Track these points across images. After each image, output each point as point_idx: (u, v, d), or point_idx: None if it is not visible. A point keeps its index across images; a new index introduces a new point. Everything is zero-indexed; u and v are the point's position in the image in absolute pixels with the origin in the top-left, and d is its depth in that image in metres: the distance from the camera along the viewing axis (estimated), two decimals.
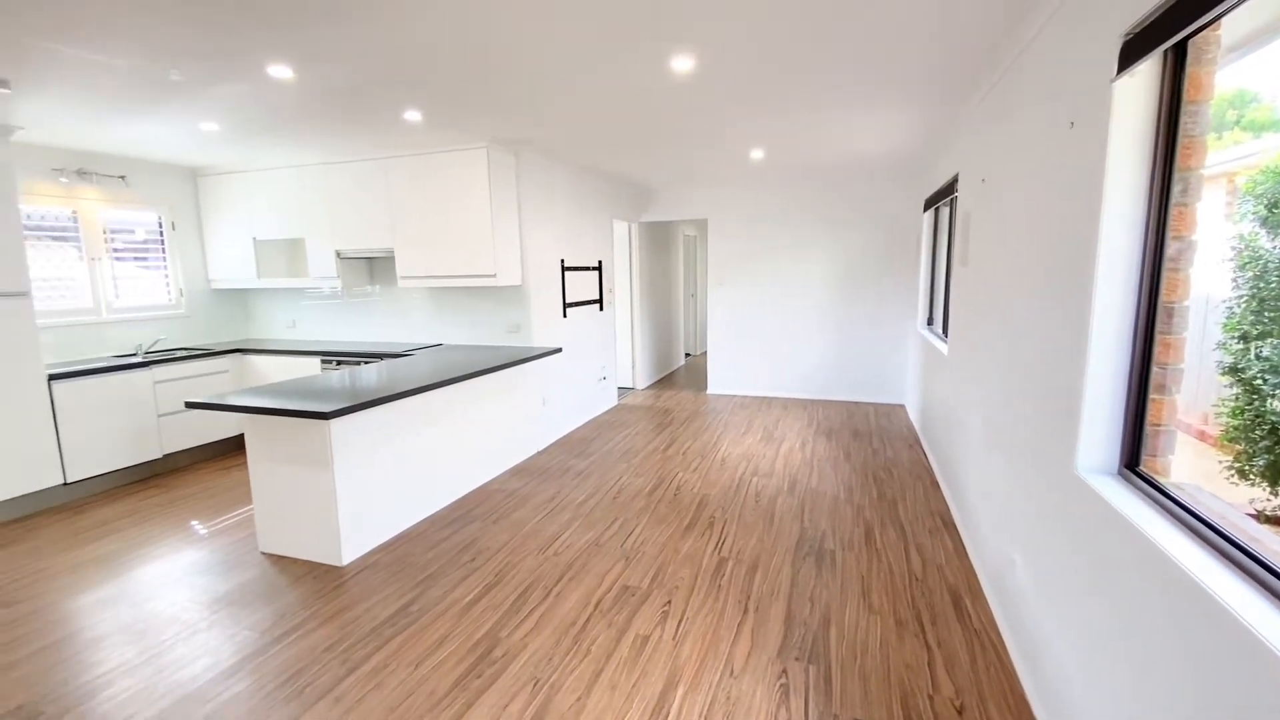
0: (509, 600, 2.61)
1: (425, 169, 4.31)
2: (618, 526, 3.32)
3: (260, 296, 5.51)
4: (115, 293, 4.61)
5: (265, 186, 4.86)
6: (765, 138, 4.17)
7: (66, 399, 3.83)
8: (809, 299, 6.32)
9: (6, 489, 3.56)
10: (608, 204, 5.96)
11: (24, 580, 2.88)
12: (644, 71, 2.77)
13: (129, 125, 3.59)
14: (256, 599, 2.66)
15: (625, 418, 5.74)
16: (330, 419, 2.61)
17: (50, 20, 2.13)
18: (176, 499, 3.90)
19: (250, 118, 3.45)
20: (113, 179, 4.53)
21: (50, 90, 2.91)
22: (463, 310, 4.84)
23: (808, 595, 2.62)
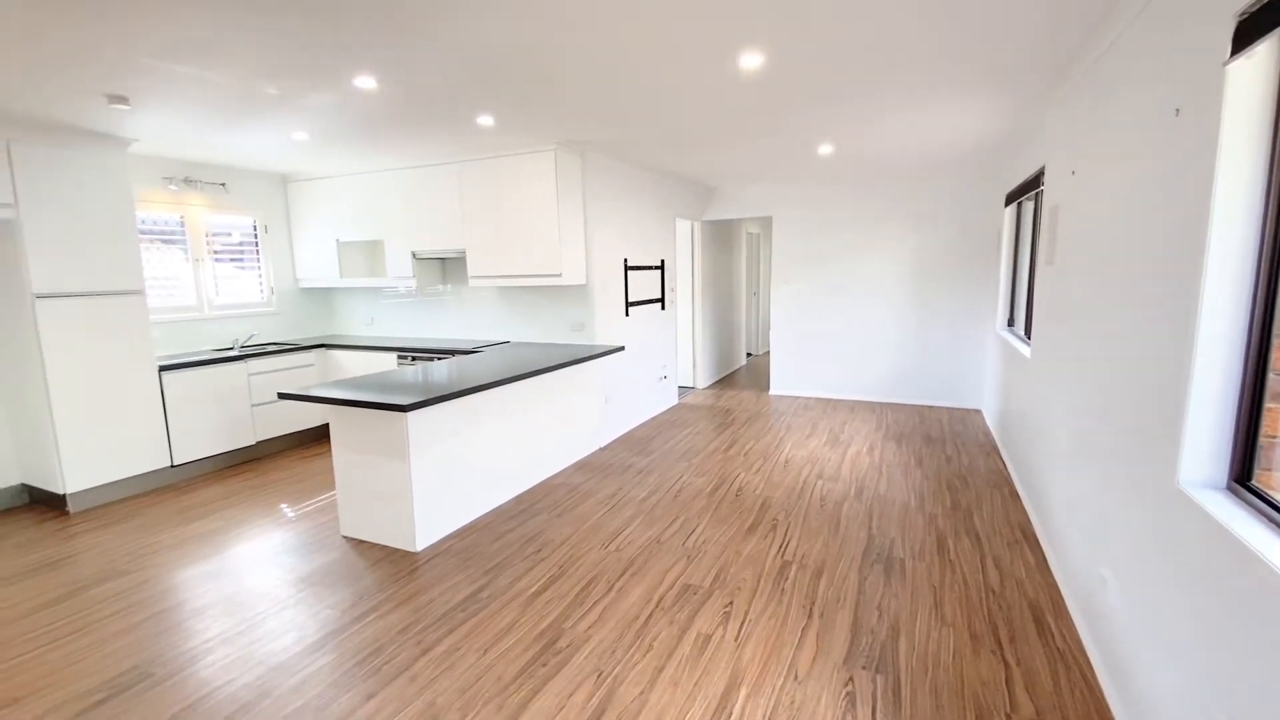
0: (572, 592, 2.66)
1: (495, 172, 4.44)
2: (679, 525, 3.33)
3: (342, 295, 5.84)
4: (215, 291, 5.00)
5: (348, 191, 5.14)
6: (835, 133, 4.07)
7: (174, 388, 4.18)
8: (879, 298, 6.12)
9: (124, 469, 3.93)
10: (671, 202, 5.97)
11: (137, 553, 3.16)
12: (712, 70, 2.76)
13: (230, 136, 3.88)
14: (338, 580, 2.82)
15: (685, 417, 5.73)
16: (408, 411, 2.74)
17: (167, 42, 2.34)
18: (267, 483, 4.18)
19: (336, 127, 3.66)
20: (215, 186, 4.91)
21: (164, 105, 3.18)
22: (529, 309, 4.97)
23: (875, 604, 2.54)
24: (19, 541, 3.34)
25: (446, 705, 1.98)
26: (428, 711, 1.95)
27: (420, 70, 2.71)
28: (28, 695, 2.09)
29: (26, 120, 3.32)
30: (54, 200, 3.57)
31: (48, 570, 2.99)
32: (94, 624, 2.51)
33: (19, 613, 2.61)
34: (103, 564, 3.04)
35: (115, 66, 2.58)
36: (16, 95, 2.90)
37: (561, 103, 3.26)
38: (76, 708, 2.02)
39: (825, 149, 4.59)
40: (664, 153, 4.72)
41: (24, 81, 2.73)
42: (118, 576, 2.91)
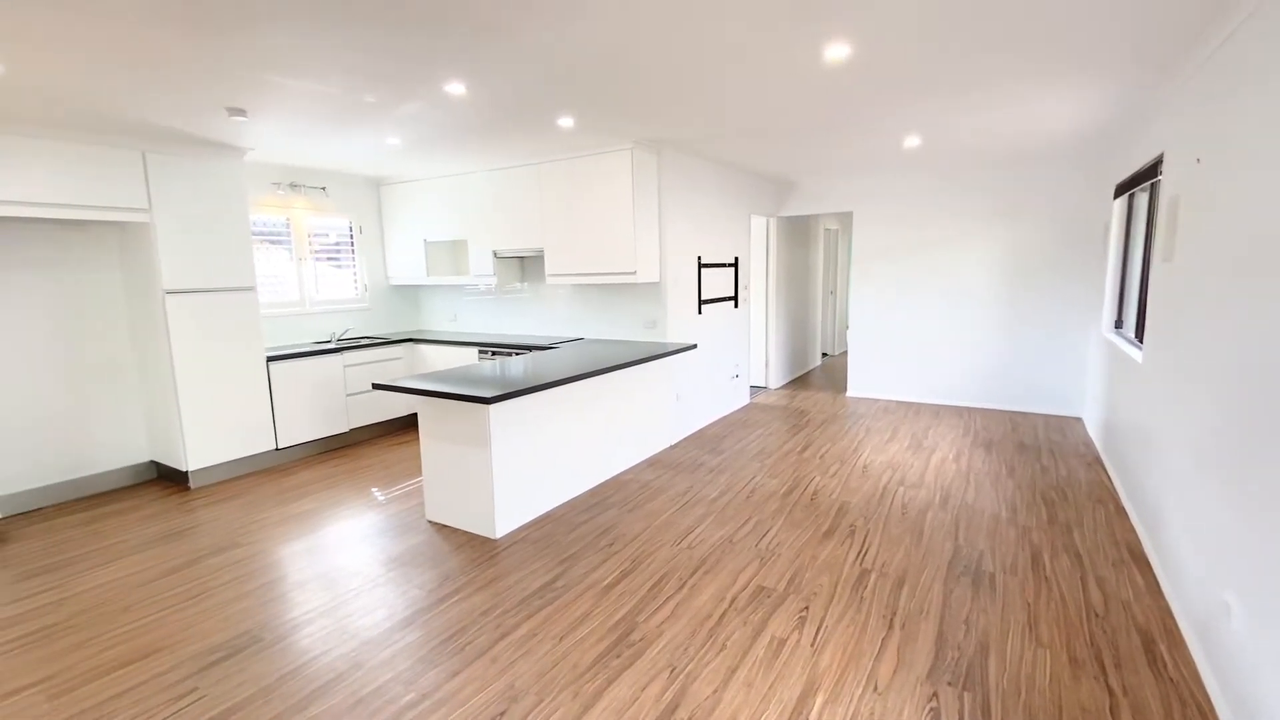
0: (645, 587, 2.68)
1: (573, 172, 4.53)
2: (751, 526, 3.29)
3: (428, 292, 6.13)
4: (316, 288, 5.37)
5: (434, 193, 5.39)
6: (923, 124, 3.88)
7: (280, 378, 4.53)
8: (968, 297, 5.80)
9: (236, 450, 4.29)
10: (746, 199, 5.89)
11: (247, 528, 3.45)
12: (794, 64, 2.70)
13: (331, 143, 4.16)
14: (424, 562, 2.97)
15: (758, 417, 5.65)
16: (490, 404, 2.84)
17: (280, 58, 2.53)
18: (359, 468, 4.46)
19: (426, 132, 3.85)
20: (316, 190, 5.27)
21: (276, 116, 3.44)
22: (603, 306, 5.04)
23: (962, 618, 2.42)
24: (149, 513, 3.72)
25: (524, 688, 2.05)
26: (507, 693, 2.02)
27: (505, 75, 2.80)
28: (160, 650, 2.32)
29: (159, 133, 3.68)
30: (181, 205, 3.95)
31: (172, 540, 3.31)
32: (212, 590, 2.76)
33: (150, 576, 2.91)
34: (218, 536, 3.34)
35: (236, 81, 2.82)
36: (151, 110, 3.22)
37: (640, 102, 3.28)
38: (200, 663, 2.23)
39: (912, 141, 4.39)
40: (741, 149, 4.66)
41: (158, 97, 3.02)
42: (231, 548, 3.19)
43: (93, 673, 2.20)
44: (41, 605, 2.67)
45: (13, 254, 3.69)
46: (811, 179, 6.36)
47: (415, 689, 2.06)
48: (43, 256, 3.81)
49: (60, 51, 2.38)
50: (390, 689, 2.06)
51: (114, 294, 4.12)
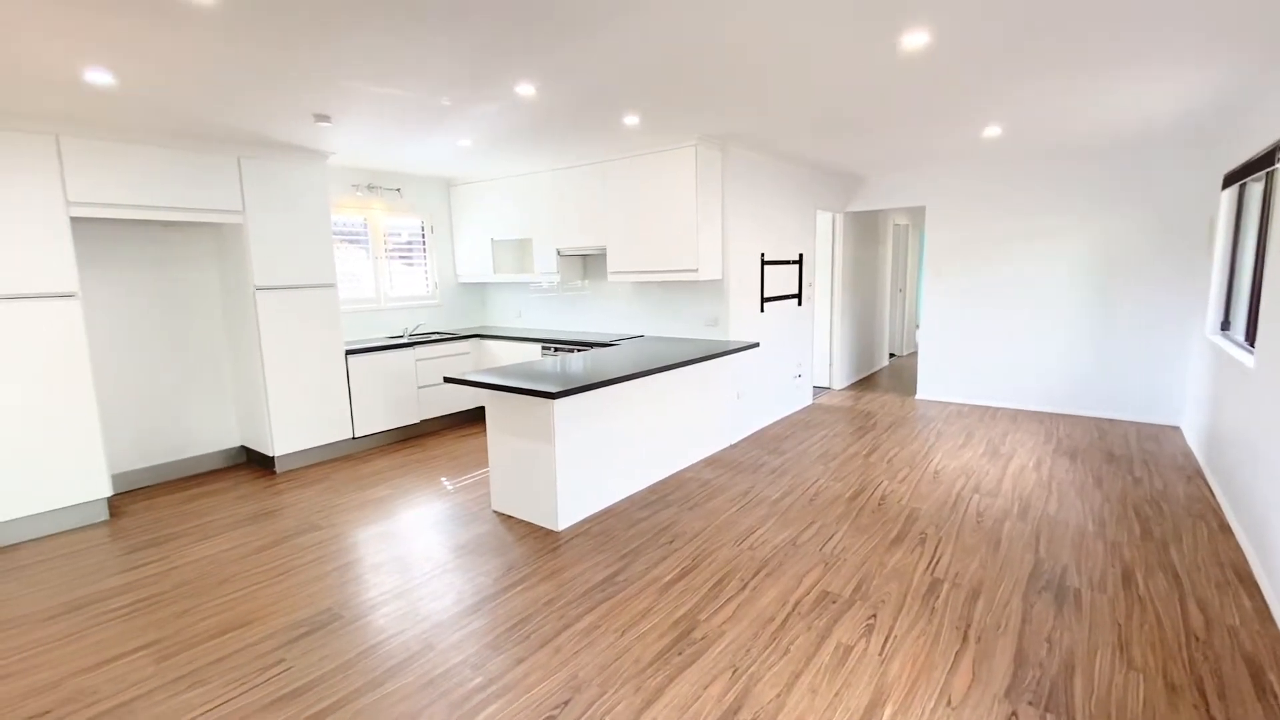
0: (706, 586, 2.67)
1: (636, 170, 4.55)
2: (815, 529, 3.21)
3: (494, 289, 6.31)
4: (390, 285, 5.61)
5: (502, 193, 5.53)
6: (1005, 112, 3.68)
7: (357, 370, 4.76)
8: (1052, 295, 5.46)
9: (317, 438, 4.54)
10: (812, 194, 5.76)
11: (327, 511, 3.65)
12: (869, 54, 2.61)
13: (406, 146, 4.33)
14: (489, 550, 3.06)
15: (821, 418, 5.51)
16: (555, 399, 2.89)
17: (364, 65, 2.65)
18: (429, 458, 4.64)
19: (496, 133, 3.95)
20: (391, 191, 5.51)
21: (357, 121, 3.61)
22: (664, 304, 5.04)
23: (1044, 635, 2.28)
24: (240, 494, 3.99)
25: (587, 679, 2.08)
26: (570, 683, 2.06)
27: (574, 75, 2.84)
28: (252, 621, 2.49)
29: (252, 139, 3.94)
30: (270, 206, 4.21)
31: (261, 520, 3.54)
32: (296, 568, 2.94)
33: (243, 553, 3.12)
34: (302, 518, 3.55)
35: (322, 89, 2.98)
36: (246, 118, 3.45)
37: (707, 98, 3.26)
38: (288, 636, 2.38)
39: (992, 131, 4.17)
40: (809, 143, 4.55)
41: (252, 105, 3.23)
42: (313, 530, 3.38)
43: (193, 639, 2.38)
44: (148, 575, 2.91)
45: (124, 253, 4.04)
46: (881, 173, 6.15)
47: (483, 673, 2.12)
48: (150, 255, 4.14)
49: (167, 65, 2.58)
50: (459, 672, 2.14)
51: (211, 290, 4.44)
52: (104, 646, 2.35)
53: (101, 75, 2.67)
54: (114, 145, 3.52)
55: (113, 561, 3.07)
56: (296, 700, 2.02)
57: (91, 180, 3.45)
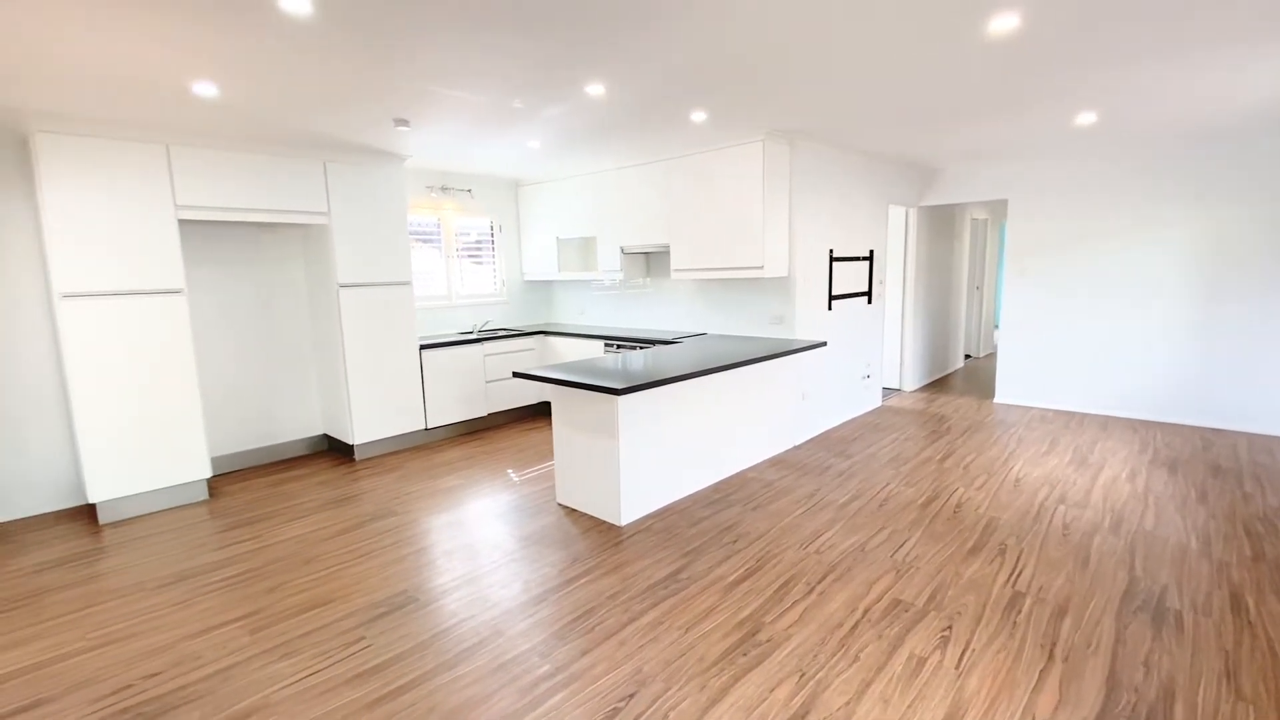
0: (770, 588, 2.63)
1: (702, 167, 4.53)
2: (885, 535, 3.11)
3: (559, 287, 6.43)
4: (461, 283, 5.81)
5: (567, 193, 5.63)
6: (1101, 98, 3.44)
7: (430, 364, 4.96)
8: (1149, 293, 5.07)
9: (393, 428, 4.76)
10: (884, 188, 5.56)
11: (402, 498, 3.82)
12: (952, 40, 2.50)
13: (478, 148, 4.47)
14: (554, 542, 3.12)
15: (891, 420, 5.32)
16: (620, 395, 2.92)
17: (441, 70, 2.75)
18: (496, 450, 4.78)
19: (565, 134, 4.02)
20: (463, 192, 5.70)
21: (434, 125, 3.76)
22: (727, 301, 4.99)
23: (1140, 658, 2.13)
24: (323, 479, 4.23)
25: (652, 674, 2.09)
26: (635, 677, 2.08)
27: (643, 73, 2.85)
28: (335, 600, 2.64)
29: (336, 144, 4.16)
30: (352, 208, 4.44)
31: (342, 504, 3.75)
32: (375, 551, 3.09)
33: (326, 535, 3.32)
34: (379, 504, 3.73)
35: (402, 94, 3.11)
36: (332, 124, 3.65)
37: (777, 92, 3.20)
38: (367, 615, 2.51)
39: (1085, 118, 3.91)
40: (882, 136, 4.40)
41: (337, 112, 3.41)
42: (390, 516, 3.54)
43: (283, 614, 2.55)
44: (243, 552, 3.14)
45: (221, 252, 4.35)
46: (959, 165, 5.87)
47: (550, 661, 2.17)
48: (245, 255, 4.45)
49: (266, 78, 2.77)
50: (527, 659, 2.19)
51: (298, 287, 4.73)
52: (207, 615, 2.55)
53: (208, 88, 2.88)
54: (215, 153, 3.79)
55: (213, 538, 3.32)
56: (377, 676, 2.13)
57: (196, 186, 3.74)
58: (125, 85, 2.80)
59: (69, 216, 3.32)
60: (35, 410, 3.68)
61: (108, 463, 3.52)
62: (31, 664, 2.26)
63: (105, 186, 3.41)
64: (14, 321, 3.59)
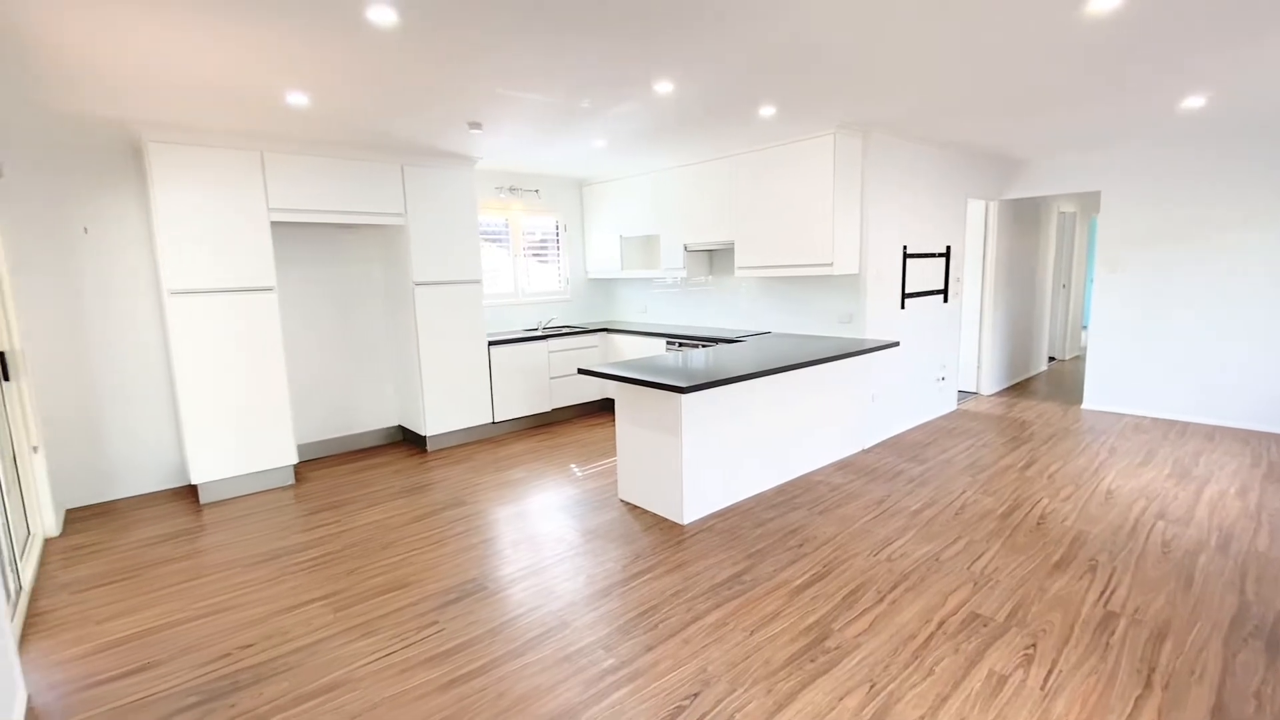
0: (839, 594, 2.56)
1: (768, 163, 4.45)
2: (962, 545, 2.97)
3: (621, 285, 6.47)
4: (527, 281, 5.95)
5: (631, 191, 5.66)
6: (1214, 78, 3.16)
7: (498, 359, 5.11)
8: (1259, 290, 4.62)
9: (462, 421, 4.93)
10: (963, 181, 5.30)
11: (471, 489, 3.95)
12: (1046, 21, 2.35)
13: (545, 149, 4.55)
14: (617, 538, 3.15)
15: (967, 425, 5.08)
16: (684, 393, 2.91)
17: (513, 73, 2.82)
18: (560, 445, 4.87)
19: (631, 132, 4.04)
20: (530, 193, 5.83)
21: (504, 127, 3.85)
22: (793, 299, 4.89)
23: (1251, 690, 1.94)
24: (397, 468, 4.43)
25: (716, 675, 2.07)
26: (699, 676, 2.07)
27: (711, 70, 2.82)
28: (410, 584, 2.76)
29: (413, 148, 4.33)
30: (427, 209, 4.61)
31: (415, 493, 3.91)
32: (446, 539, 3.21)
33: (401, 521, 3.47)
34: (449, 493, 3.87)
35: (475, 98, 3.21)
36: (410, 127, 3.80)
37: (850, 82, 3.11)
38: (439, 600, 2.61)
39: (1193, 101, 3.59)
40: (965, 126, 4.19)
41: (416, 115, 3.55)
42: (459, 505, 3.67)
43: (363, 595, 2.68)
44: (326, 535, 3.32)
45: (307, 252, 4.61)
46: (1046, 154, 5.52)
47: (614, 655, 2.19)
48: (327, 254, 4.71)
49: (352, 85, 2.91)
50: (592, 651, 2.22)
51: (376, 286, 4.96)
52: (294, 593, 2.72)
53: (299, 98, 3.06)
54: (304, 158, 4.03)
55: (298, 520, 3.53)
56: (449, 659, 2.21)
57: (286, 189, 3.98)
58: (224, 95, 3.01)
59: (175, 219, 3.60)
60: (146, 398, 4.02)
61: (207, 448, 3.80)
62: (144, 629, 2.48)
63: (207, 190, 3.69)
64: (132, 316, 3.93)
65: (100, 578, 2.92)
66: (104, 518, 3.67)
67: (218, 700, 2.05)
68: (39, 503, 3.34)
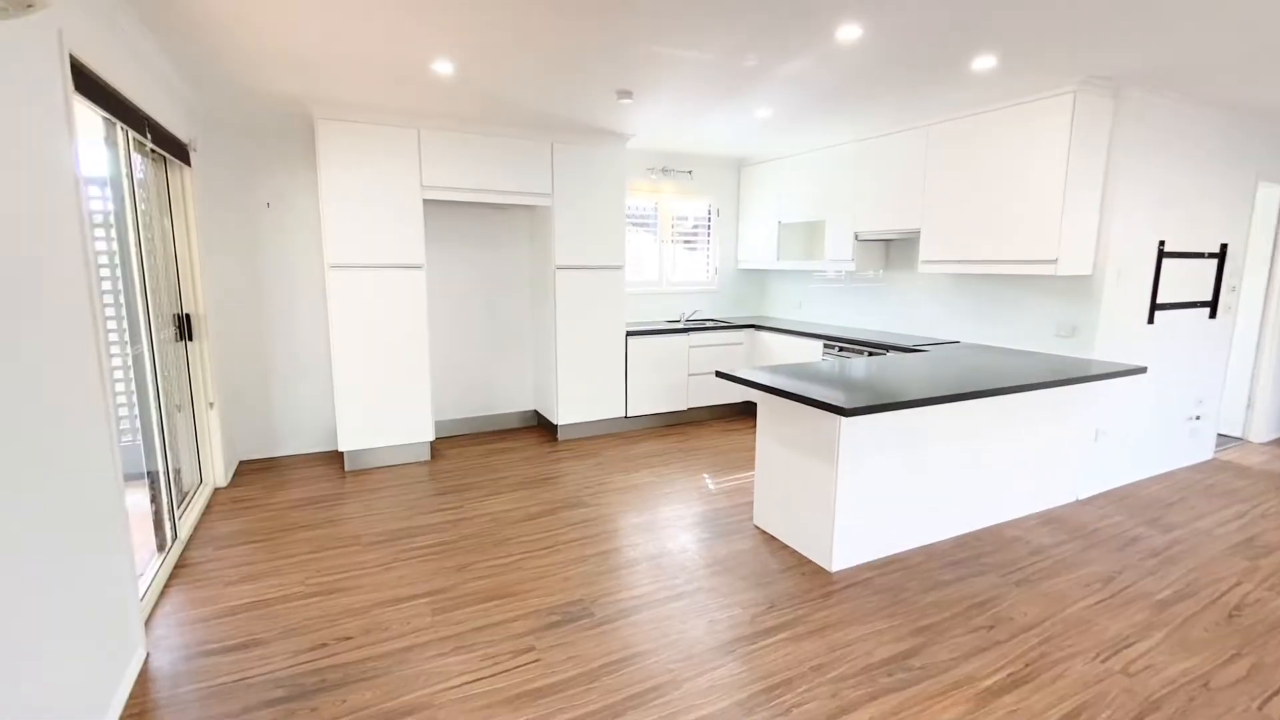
0: (1053, 713, 1.85)
1: (976, 132, 3.60)
2: (1245, 668, 2.07)
3: (775, 277, 5.86)
4: (673, 269, 5.57)
5: (794, 171, 5.02)
6: None
7: (634, 351, 4.80)
8: None
9: (594, 413, 4.70)
10: (1254, 158, 3.97)
11: (595, 488, 3.67)
12: None
13: (701, 122, 4.09)
14: (749, 575, 2.65)
15: (1230, 482, 3.82)
16: (844, 415, 2.32)
17: (664, 27, 2.39)
18: (693, 449, 4.45)
19: (802, 97, 3.45)
20: (683, 174, 5.42)
21: (656, 96, 3.46)
22: (993, 303, 3.98)
23: None
24: (526, 455, 4.30)
25: None
26: None
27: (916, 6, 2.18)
28: (514, 595, 2.51)
29: (562, 123, 4.10)
30: (573, 190, 4.39)
31: (539, 486, 3.72)
32: (560, 545, 2.94)
33: (520, 516, 3.27)
34: (572, 491, 3.62)
35: (624, 60, 2.84)
36: (558, 98, 3.55)
37: (1115, 12, 2.27)
38: (541, 620, 2.32)
39: None
40: (1272, 79, 3.04)
41: (564, 83, 3.28)
42: (580, 506, 3.40)
43: (465, 598, 2.48)
44: (445, 521, 3.22)
45: (459, 232, 4.62)
46: None
47: None
48: (476, 234, 4.68)
49: (497, 51, 2.68)
50: None
51: (522, 267, 4.88)
52: (401, 584, 2.59)
53: (444, 65, 2.91)
54: (455, 135, 3.97)
55: (425, 501, 3.49)
56: (538, 702, 1.89)
57: (439, 168, 3.95)
58: (377, 68, 2.94)
59: (338, 195, 3.70)
60: (312, 367, 4.26)
61: (354, 418, 3.92)
62: (261, 599, 2.48)
63: (367, 167, 3.75)
64: (304, 288, 4.17)
65: (244, 535, 3.05)
66: (266, 473, 3.93)
67: (301, 700, 1.92)
68: (212, 455, 3.62)
